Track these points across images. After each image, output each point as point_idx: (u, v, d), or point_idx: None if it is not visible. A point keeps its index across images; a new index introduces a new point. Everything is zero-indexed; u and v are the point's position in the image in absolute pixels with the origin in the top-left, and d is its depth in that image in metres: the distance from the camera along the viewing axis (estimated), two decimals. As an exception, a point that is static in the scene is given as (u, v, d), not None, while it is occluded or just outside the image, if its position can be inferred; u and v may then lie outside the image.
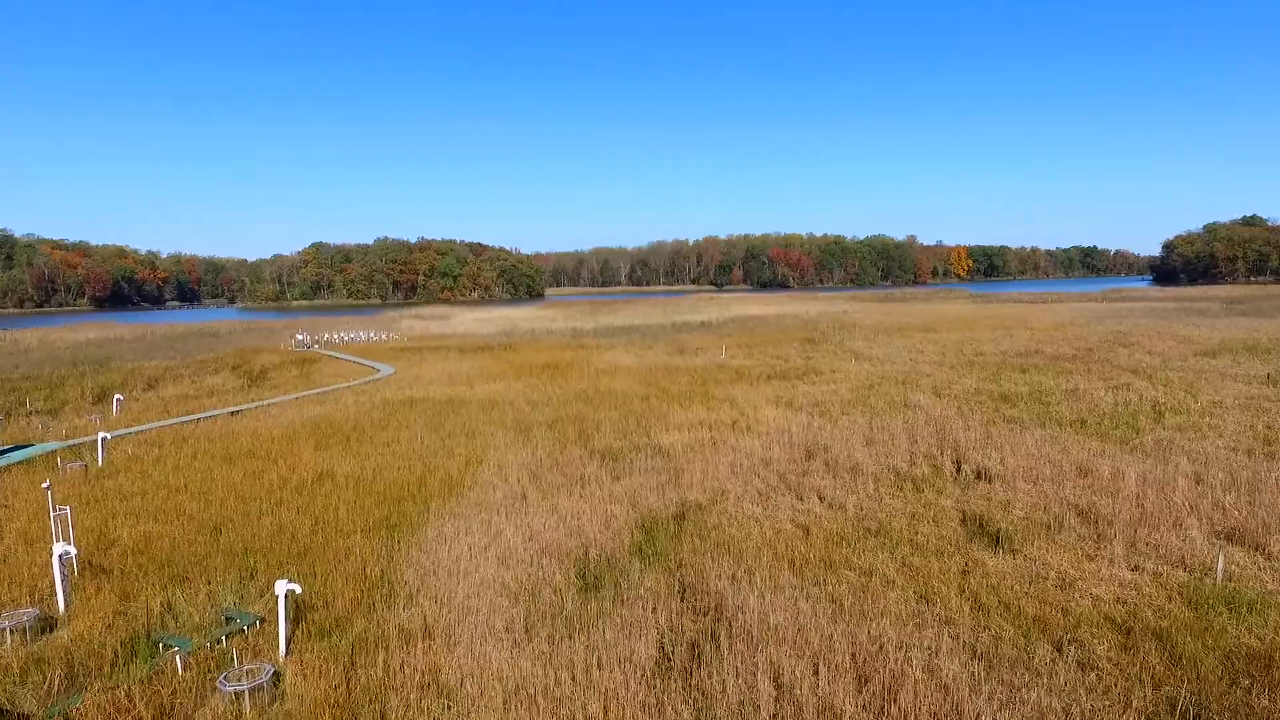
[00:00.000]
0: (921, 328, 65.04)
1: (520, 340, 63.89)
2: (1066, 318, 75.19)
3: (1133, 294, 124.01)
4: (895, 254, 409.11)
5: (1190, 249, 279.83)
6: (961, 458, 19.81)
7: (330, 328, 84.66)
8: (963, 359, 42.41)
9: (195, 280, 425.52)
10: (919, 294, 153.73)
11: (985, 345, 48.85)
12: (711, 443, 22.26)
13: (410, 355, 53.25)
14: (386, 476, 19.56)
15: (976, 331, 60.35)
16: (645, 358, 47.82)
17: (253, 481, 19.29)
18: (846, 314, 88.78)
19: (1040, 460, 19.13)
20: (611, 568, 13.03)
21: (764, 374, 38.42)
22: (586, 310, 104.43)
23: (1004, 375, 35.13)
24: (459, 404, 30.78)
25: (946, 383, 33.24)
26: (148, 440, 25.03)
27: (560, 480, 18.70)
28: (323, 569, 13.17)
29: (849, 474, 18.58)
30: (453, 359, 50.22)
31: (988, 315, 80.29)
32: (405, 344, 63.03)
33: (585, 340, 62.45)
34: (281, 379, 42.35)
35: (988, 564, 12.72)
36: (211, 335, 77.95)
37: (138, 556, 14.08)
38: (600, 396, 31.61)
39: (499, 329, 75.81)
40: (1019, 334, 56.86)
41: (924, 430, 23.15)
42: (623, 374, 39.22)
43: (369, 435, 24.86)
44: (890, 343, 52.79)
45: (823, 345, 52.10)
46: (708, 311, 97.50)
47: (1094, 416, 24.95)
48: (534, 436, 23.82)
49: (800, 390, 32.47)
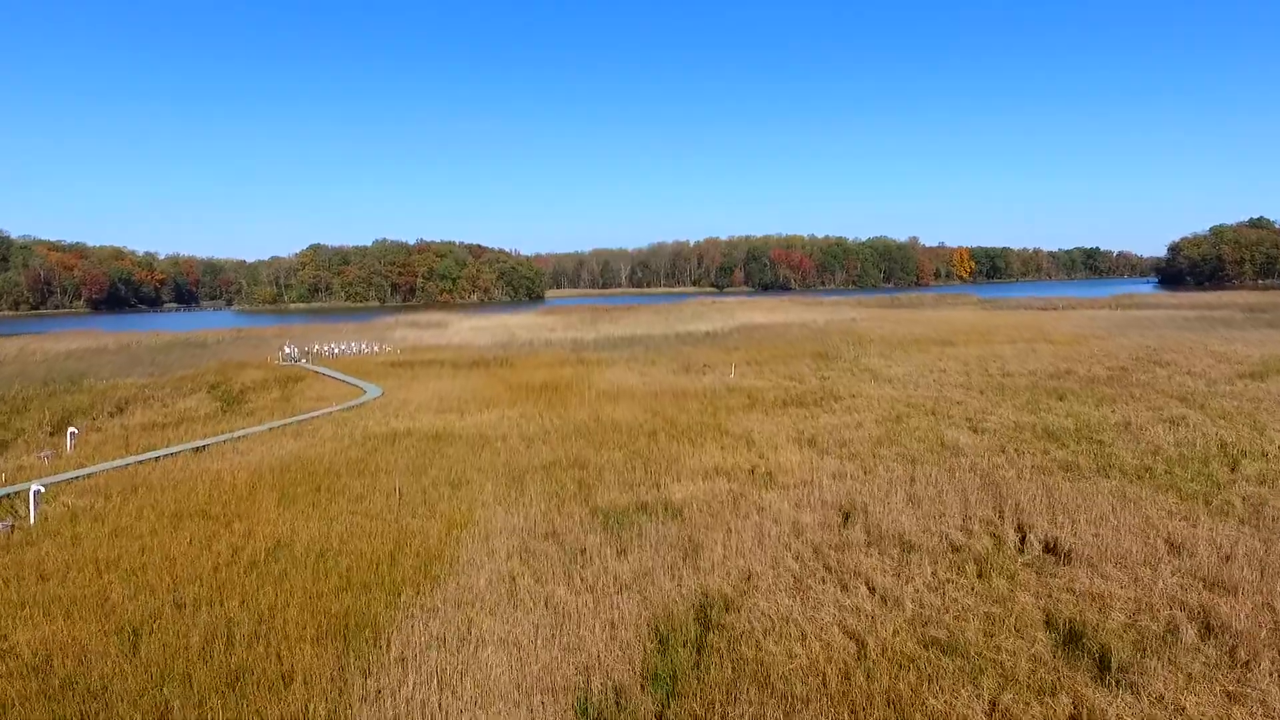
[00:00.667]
0: (937, 340, 62.22)
1: (518, 353, 61.09)
2: (1084, 328, 72.35)
3: (1145, 300, 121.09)
4: (897, 255, 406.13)
5: (1196, 251, 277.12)
6: (1024, 523, 17.01)
7: (321, 337, 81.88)
8: (990, 381, 39.59)
9: (193, 282, 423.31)
10: (926, 299, 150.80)
11: (1010, 363, 46.02)
12: (731, 499, 19.44)
13: (401, 372, 50.43)
14: (354, 547, 16.75)
15: (995, 345, 57.53)
16: (649, 377, 45.01)
17: (198, 554, 16.47)
18: (855, 323, 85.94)
19: (1120, 529, 16.32)
20: (620, 709, 10.21)
21: (778, 399, 35.61)
22: (587, 318, 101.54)
23: (1041, 403, 32.32)
24: (447, 439, 27.96)
25: (981, 413, 30.41)
26: (94, 488, 22.21)
27: (556, 556, 15.89)
28: (252, 709, 10.35)
29: (897, 548, 15.76)
30: (445, 377, 47.39)
31: (1002, 324, 77.45)
32: (397, 358, 60.22)
33: (585, 354, 59.64)
34: (261, 402, 39.54)
35: (1105, 709, 9.90)
36: (198, 346, 75.16)
37: (25, 681, 11.27)
38: (602, 430, 28.80)
39: (496, 340, 73.01)
40: (1041, 349, 54.05)
41: (970, 480, 20.37)
42: (626, 399, 36.41)
43: (342, 483, 22.04)
44: (908, 359, 49.96)
45: (836, 362, 49.27)
46: (711, 320, 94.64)
47: (1159, 462, 22.12)
48: (528, 488, 20.99)
49: (821, 422, 29.65)
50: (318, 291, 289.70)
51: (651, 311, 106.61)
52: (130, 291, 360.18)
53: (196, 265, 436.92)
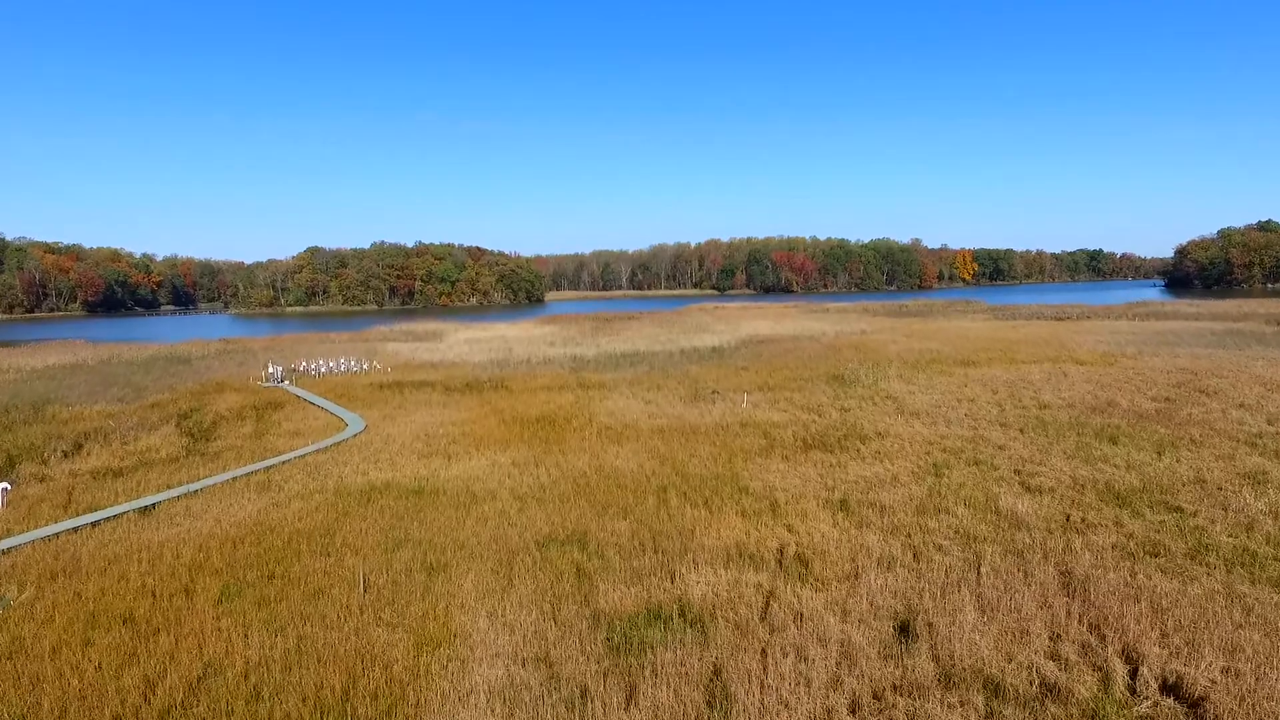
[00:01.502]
0: (957, 359, 58.90)
1: (514, 373, 57.78)
2: (1109, 343, 69.06)
3: (1162, 310, 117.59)
4: (900, 258, 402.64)
5: (1204, 255, 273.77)
6: (1131, 647, 13.72)
7: (310, 352, 78.53)
8: (1026, 415, 36.29)
9: (191, 284, 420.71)
10: (934, 305, 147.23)
11: (1043, 391, 42.71)
12: (761, 601, 16.15)
13: (389, 397, 47.14)
14: (299, 678, 13.46)
15: (1021, 366, 54.24)
16: (655, 405, 41.72)
17: (102, 690, 13.19)
18: (866, 336, 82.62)
19: (1256, 660, 13.04)
20: None
21: (798, 437, 32.34)
22: (587, 328, 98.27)
23: (1093, 448, 29.02)
24: (429, 497, 24.68)
25: (1029, 463, 27.11)
26: (8, 571, 18.94)
27: (548, 700, 12.59)
28: None
29: (979, 691, 12.47)
30: (435, 404, 44.11)
31: (1021, 339, 74.14)
32: (386, 378, 56.92)
33: (586, 373, 56.35)
34: (231, 438, 36.23)
35: None
36: (181, 362, 71.80)
37: None
38: (605, 484, 25.52)
39: (492, 356, 69.64)
40: (1071, 371, 50.76)
41: (1046, 574, 17.09)
42: (629, 437, 33.12)
43: (300, 567, 18.76)
44: (930, 384, 46.66)
45: (855, 388, 45.95)
46: (716, 331, 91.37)
47: (1261, 543, 18.83)
48: (517, 581, 17.68)
49: (851, 473, 26.36)
50: (315, 295, 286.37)
51: (653, 322, 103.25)
52: (127, 294, 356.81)
53: (194, 267, 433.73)
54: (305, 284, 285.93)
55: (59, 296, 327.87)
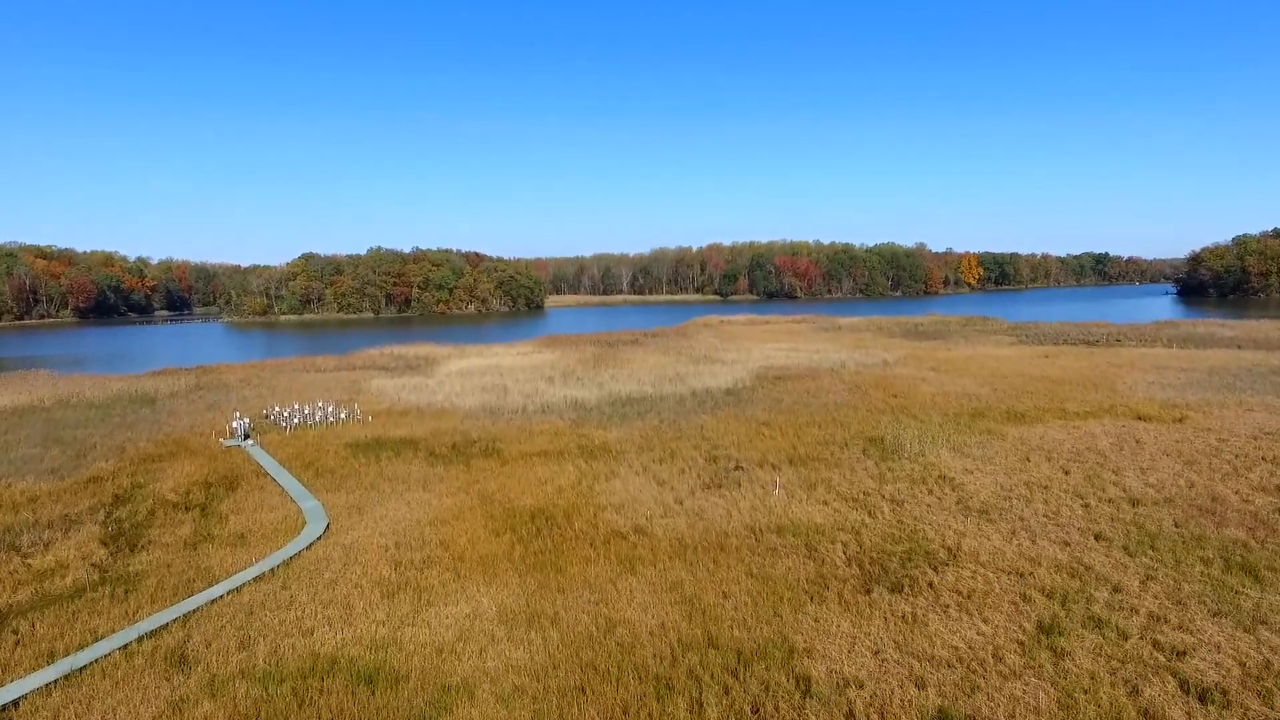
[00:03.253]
0: (1002, 410, 52.73)
1: (507, 426, 51.64)
2: (1160, 383, 62.97)
3: (1194, 332, 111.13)
4: (905, 263, 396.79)
5: (1220, 263, 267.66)
6: None
7: (290, 384, 72.38)
8: (1120, 517, 30.13)
9: (185, 288, 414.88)
10: (949, 323, 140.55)
11: (1125, 471, 36.58)
12: None
13: (362, 469, 41.03)
14: None
15: (1078, 423, 48.11)
16: (670, 489, 35.63)
17: None
18: (890, 369, 76.47)
19: None
20: None
21: (853, 560, 26.28)
22: (588, 355, 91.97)
23: (1232, 587, 22.89)
24: (383, 693, 18.50)
25: (1166, 627, 20.93)
26: None
27: None
28: None
29: None
30: (414, 483, 37.98)
31: (1062, 377, 68.03)
32: (364, 433, 50.78)
33: (588, 429, 50.22)
34: (162, 544, 30.04)
35: None
36: (146, 403, 65.60)
37: None
38: (619, 666, 19.37)
39: (484, 398, 63.35)
40: (1141, 433, 44.63)
41: None
42: (645, 559, 26.94)
43: None
44: (985, 454, 40.53)
45: (899, 460, 39.82)
46: (726, 360, 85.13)
47: None
48: None
49: (938, 644, 20.20)
50: (309, 303, 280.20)
51: (658, 349, 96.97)
52: (120, 299, 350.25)
53: (189, 271, 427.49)
54: (299, 291, 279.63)
55: (50, 302, 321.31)
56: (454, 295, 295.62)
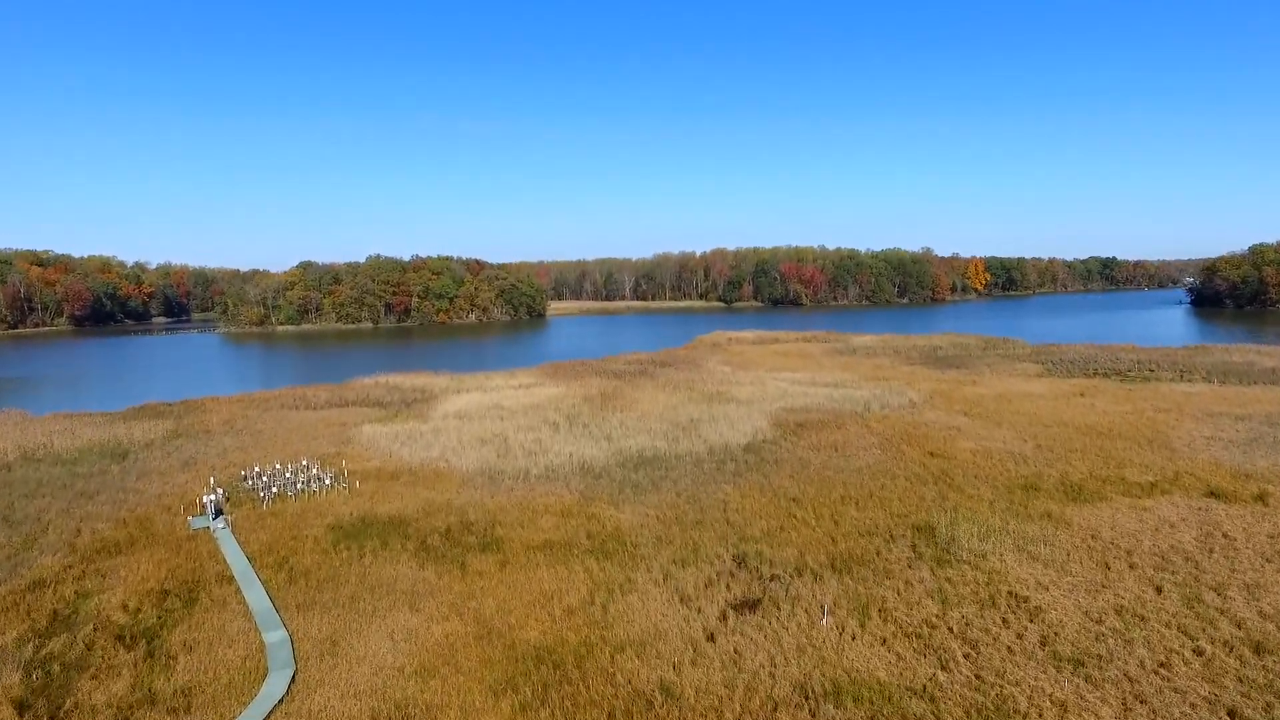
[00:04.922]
0: (1059, 485, 47.52)
1: (507, 501, 46.51)
2: (1218, 439, 57.83)
3: (1230, 361, 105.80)
4: (911, 268, 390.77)
5: (1236, 273, 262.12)
6: None
7: (275, 429, 67.27)
8: (1244, 670, 24.99)
9: (183, 293, 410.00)
10: (970, 347, 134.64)
11: (1228, 587, 31.45)
12: None
13: (341, 571, 35.96)
14: None
15: (1148, 504, 42.95)
16: (699, 611, 30.52)
17: None
18: (918, 412, 71.25)
19: None
20: None
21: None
22: (594, 391, 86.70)
23: None
24: None
25: None
26: None
27: None
28: None
29: None
30: (400, 594, 32.91)
31: (1110, 429, 62.85)
32: (349, 510, 45.65)
33: (597, 506, 45.11)
34: (87, 708, 24.91)
35: None
36: (118, 458, 60.54)
37: None
38: None
39: (483, 456, 58.09)
40: (1226, 522, 39.52)
41: None
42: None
43: None
44: (1054, 556, 35.39)
45: (958, 567, 34.66)
46: (740, 397, 79.87)
47: None
48: None
49: None
50: (307, 312, 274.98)
51: (668, 384, 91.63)
52: (116, 306, 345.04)
53: (188, 276, 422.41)
54: (297, 301, 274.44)
55: (45, 310, 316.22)
56: (454, 304, 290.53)
